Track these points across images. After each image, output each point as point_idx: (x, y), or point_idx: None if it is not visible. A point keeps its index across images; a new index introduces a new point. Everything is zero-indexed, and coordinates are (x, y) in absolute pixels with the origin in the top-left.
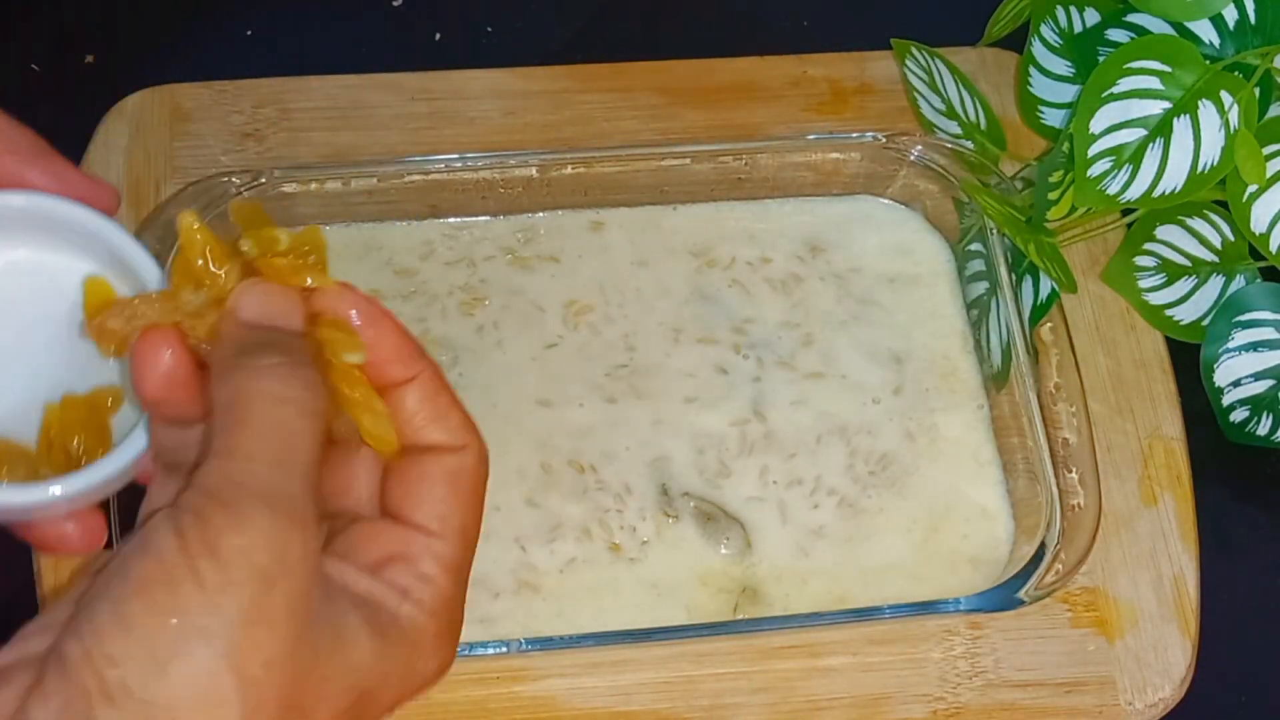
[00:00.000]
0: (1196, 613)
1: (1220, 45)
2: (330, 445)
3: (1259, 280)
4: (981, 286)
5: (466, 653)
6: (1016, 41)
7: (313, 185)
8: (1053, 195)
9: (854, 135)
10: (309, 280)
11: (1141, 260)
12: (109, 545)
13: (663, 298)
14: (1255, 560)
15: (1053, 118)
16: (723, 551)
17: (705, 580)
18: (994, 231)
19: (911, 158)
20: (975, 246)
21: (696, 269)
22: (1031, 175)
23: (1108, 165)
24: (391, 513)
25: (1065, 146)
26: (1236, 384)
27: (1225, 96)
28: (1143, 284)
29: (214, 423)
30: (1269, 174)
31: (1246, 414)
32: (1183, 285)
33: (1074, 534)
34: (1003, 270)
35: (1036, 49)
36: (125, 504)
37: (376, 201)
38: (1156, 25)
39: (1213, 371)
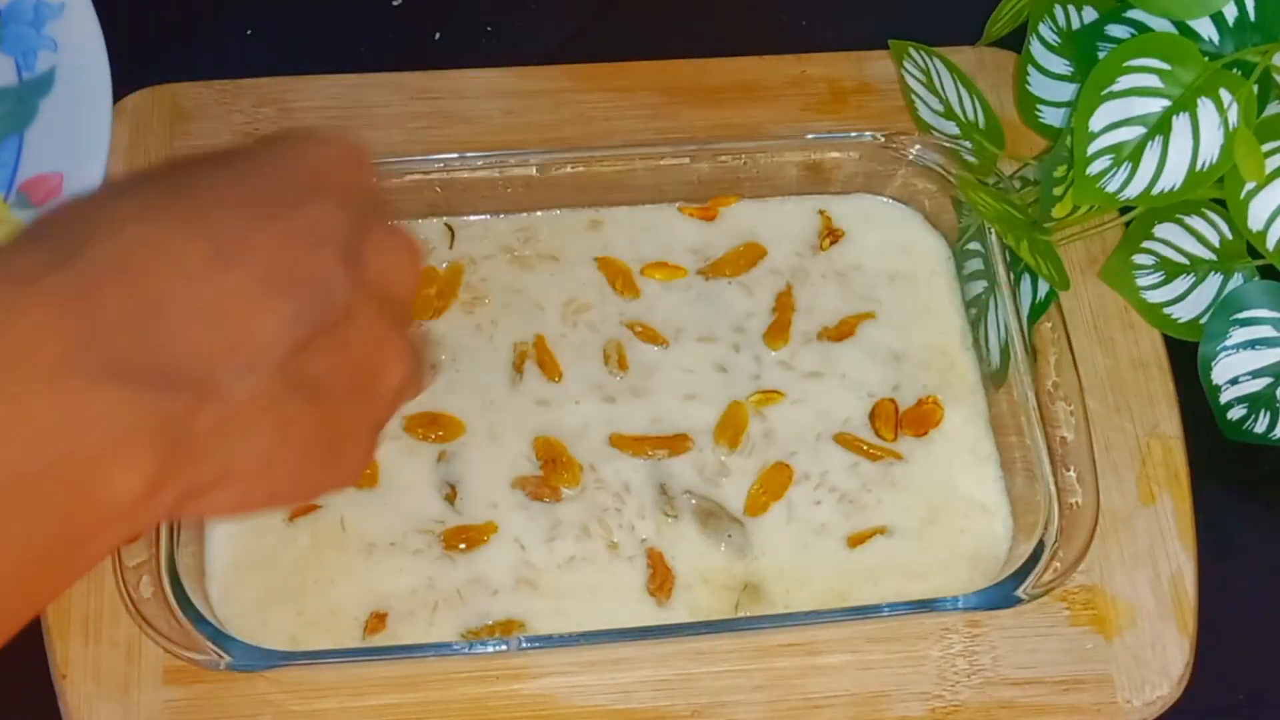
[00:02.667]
0: (1194, 611)
1: (1220, 42)
2: None
3: (1257, 278)
4: (980, 285)
5: (466, 650)
6: (1015, 41)
7: None
8: (1057, 191)
9: (853, 134)
10: None
11: (1140, 258)
12: None
13: (662, 296)
14: (1253, 558)
15: (1052, 116)
16: (723, 549)
17: (707, 578)
18: (992, 230)
19: (910, 157)
20: (974, 245)
21: (696, 267)
22: (1030, 174)
23: (1107, 163)
24: None
25: (1068, 142)
26: (1234, 382)
27: (1224, 94)
28: (1141, 282)
29: None
30: (1267, 171)
31: (1244, 412)
32: (1181, 283)
33: (1072, 532)
34: (1001, 269)
35: (1035, 48)
36: None
37: None
38: (1156, 21)
39: (1210, 369)
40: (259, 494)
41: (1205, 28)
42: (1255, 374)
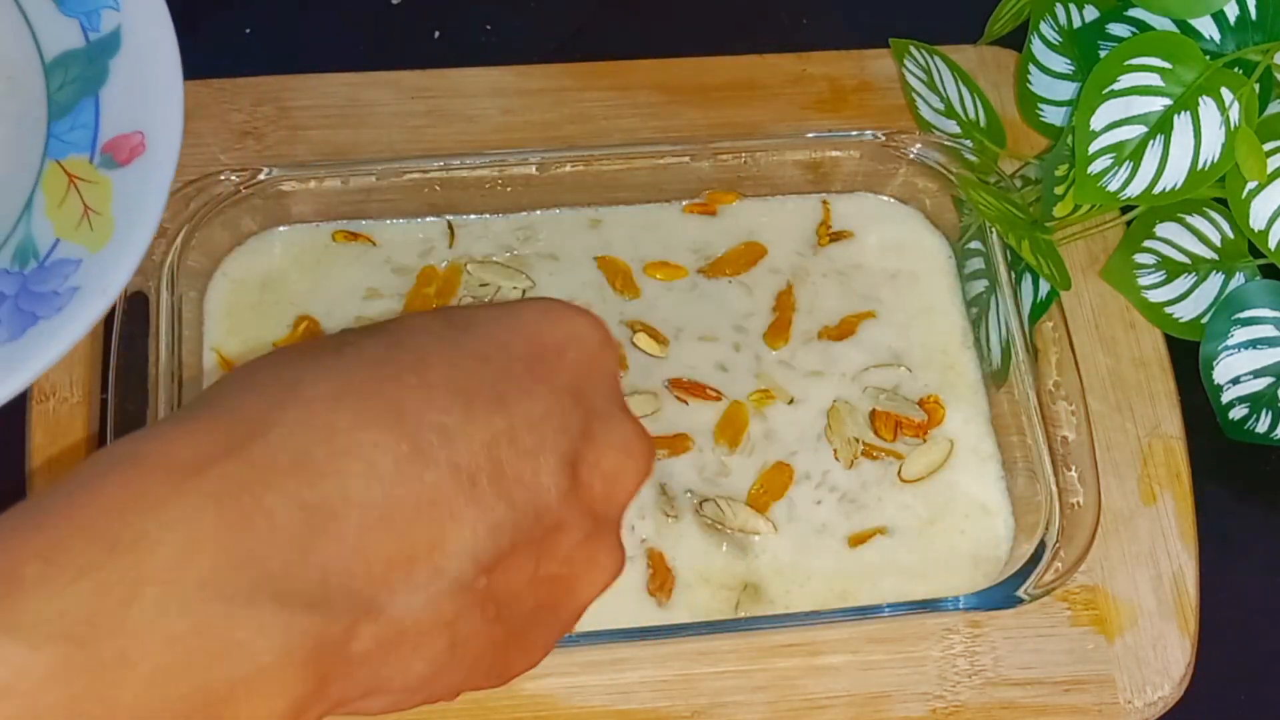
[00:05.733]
0: (1196, 611)
1: (1221, 41)
2: None
3: (1258, 278)
4: (981, 284)
5: None
6: (1016, 40)
7: (311, 184)
8: (1058, 190)
9: (853, 133)
10: None
11: (1141, 258)
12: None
13: (662, 295)
14: (1255, 558)
15: (1053, 115)
16: (723, 549)
17: (707, 578)
18: (994, 229)
19: (911, 155)
20: (975, 244)
21: (696, 267)
22: (1031, 173)
23: (1108, 162)
24: None
25: (1069, 140)
26: (1236, 381)
27: (1226, 93)
28: (1142, 281)
29: None
30: (1269, 170)
31: (1245, 411)
32: (1182, 283)
33: (1073, 532)
34: (1002, 268)
35: (1036, 47)
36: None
37: (375, 200)
38: (1158, 20)
39: (1212, 369)
40: (413, 701)
41: (1206, 26)
42: (1257, 373)
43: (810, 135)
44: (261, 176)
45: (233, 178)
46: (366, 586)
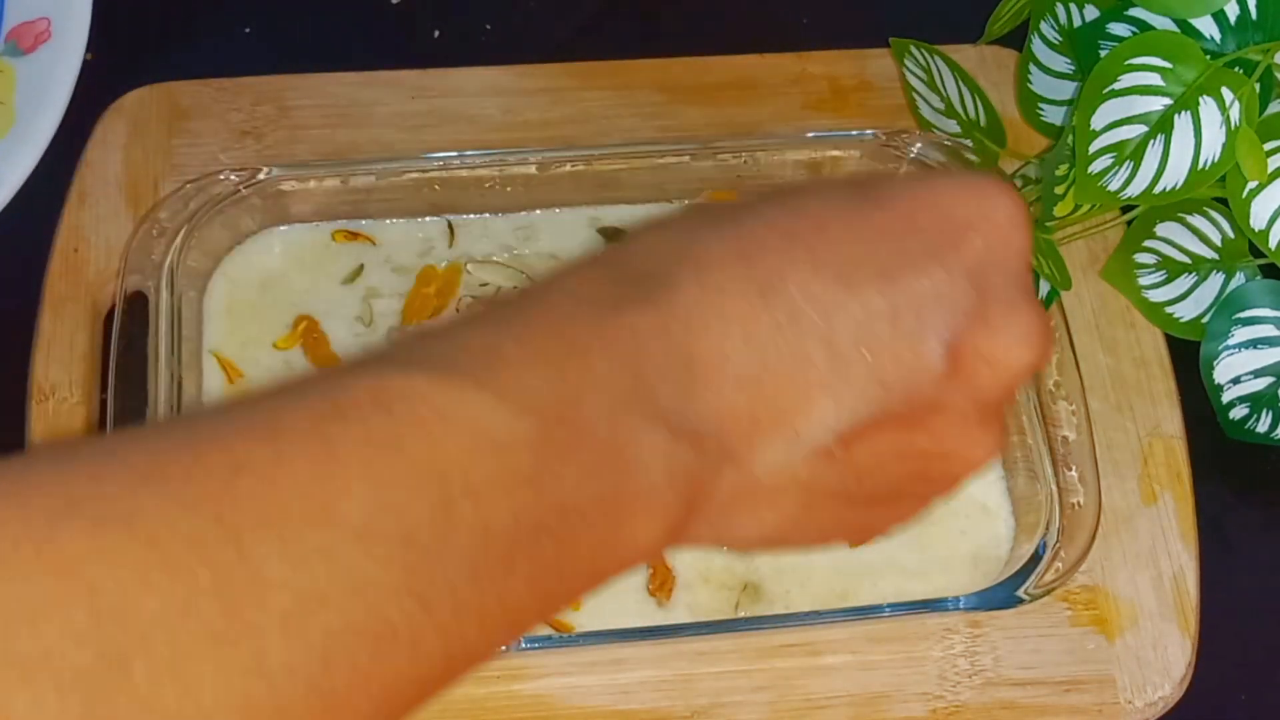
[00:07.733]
0: (1196, 611)
1: (1221, 41)
2: None
3: (1259, 277)
4: None
5: None
6: (1016, 39)
7: (311, 183)
8: (1059, 189)
9: (854, 133)
10: None
11: (1141, 257)
12: None
13: None
14: (1255, 558)
15: (1053, 115)
16: (724, 548)
17: (707, 577)
18: None
19: (911, 155)
20: None
21: None
22: (1031, 173)
23: (1109, 162)
24: None
25: (1070, 140)
26: (1236, 381)
27: (1226, 93)
28: (1142, 281)
29: None
30: (1269, 170)
31: (1246, 411)
32: (1183, 282)
33: (1074, 532)
34: None
35: (1036, 46)
36: None
37: (375, 199)
38: (1158, 20)
39: (1212, 369)
40: (767, 547)
41: (1207, 26)
42: (1257, 373)
43: (810, 135)
44: (261, 176)
45: (232, 177)
46: (732, 439)
